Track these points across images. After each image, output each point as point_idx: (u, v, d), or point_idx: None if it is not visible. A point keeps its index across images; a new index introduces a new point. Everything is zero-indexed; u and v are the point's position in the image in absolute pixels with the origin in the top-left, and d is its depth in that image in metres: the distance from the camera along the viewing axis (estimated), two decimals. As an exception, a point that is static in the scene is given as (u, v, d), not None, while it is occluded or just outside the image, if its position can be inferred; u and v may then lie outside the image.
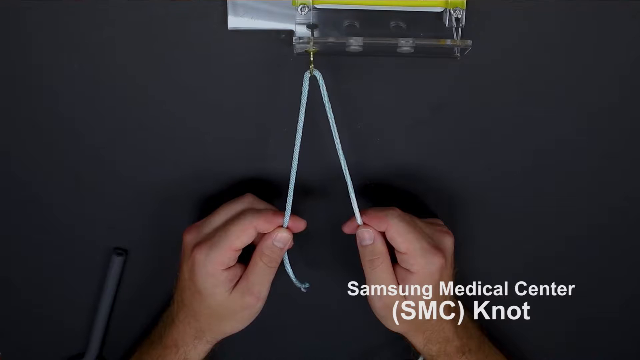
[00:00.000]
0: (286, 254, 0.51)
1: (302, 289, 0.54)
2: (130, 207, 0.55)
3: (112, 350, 0.59)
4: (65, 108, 0.52)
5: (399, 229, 0.48)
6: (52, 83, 0.51)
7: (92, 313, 0.57)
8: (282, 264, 0.51)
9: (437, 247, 0.49)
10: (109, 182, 0.54)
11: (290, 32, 0.50)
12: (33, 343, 0.59)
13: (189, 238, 0.50)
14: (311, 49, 0.48)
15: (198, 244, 0.49)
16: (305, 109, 0.49)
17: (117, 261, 0.56)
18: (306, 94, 0.48)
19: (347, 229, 0.51)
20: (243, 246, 0.48)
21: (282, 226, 0.49)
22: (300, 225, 0.50)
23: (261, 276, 0.49)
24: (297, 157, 0.49)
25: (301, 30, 0.49)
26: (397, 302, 0.50)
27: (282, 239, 0.49)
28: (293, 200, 0.49)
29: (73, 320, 0.58)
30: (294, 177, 0.49)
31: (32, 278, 0.57)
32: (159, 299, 0.58)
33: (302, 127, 0.48)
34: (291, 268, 0.52)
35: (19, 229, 0.55)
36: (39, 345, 0.59)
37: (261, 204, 0.51)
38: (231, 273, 0.49)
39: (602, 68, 0.54)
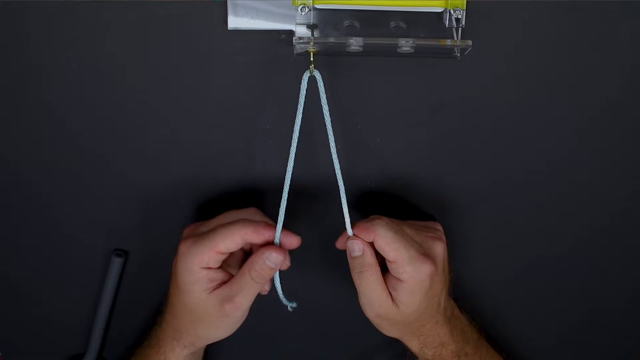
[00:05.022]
0: (278, 278, 0.50)
1: (289, 308, 0.53)
2: (130, 209, 0.55)
3: (111, 351, 0.59)
4: (64, 109, 0.52)
5: (386, 239, 0.48)
6: (51, 83, 0.51)
7: (92, 313, 0.57)
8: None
9: (426, 255, 0.49)
10: (109, 183, 0.54)
11: (290, 32, 0.50)
12: (33, 343, 0.59)
13: (185, 232, 0.51)
14: (311, 49, 0.48)
15: (186, 238, 0.49)
16: (305, 111, 0.49)
17: (116, 262, 0.56)
18: (304, 93, 0.48)
19: (339, 244, 0.51)
20: (227, 251, 0.48)
21: (274, 242, 0.48)
22: (292, 242, 0.49)
23: (245, 288, 0.48)
24: (292, 163, 0.48)
25: (301, 31, 0.49)
26: (389, 310, 0.50)
27: (274, 259, 0.48)
28: (288, 205, 0.48)
29: (73, 321, 0.58)
30: (287, 187, 0.48)
31: (32, 279, 0.57)
32: (158, 300, 0.58)
33: (299, 129, 0.48)
34: (280, 285, 0.51)
35: (19, 229, 0.55)
36: (39, 345, 0.59)
37: (259, 217, 0.51)
38: (211, 274, 0.48)
39: (603, 68, 0.54)
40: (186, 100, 0.52)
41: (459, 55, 0.50)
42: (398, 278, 0.49)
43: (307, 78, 0.48)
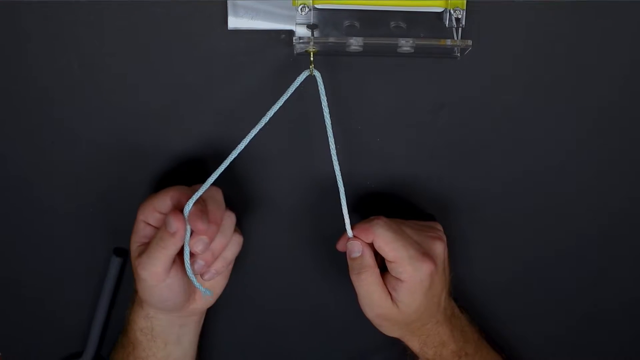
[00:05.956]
0: (187, 255, 0.47)
1: (202, 295, 0.51)
2: (130, 209, 0.55)
3: (110, 351, 0.59)
4: (64, 108, 0.52)
5: (385, 238, 0.48)
6: (51, 83, 0.51)
7: (91, 313, 0.57)
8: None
9: (426, 254, 0.49)
10: (109, 183, 0.54)
11: (290, 32, 0.50)
12: (33, 342, 0.59)
13: None
14: (311, 49, 0.48)
15: None
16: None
17: (116, 262, 0.56)
18: (294, 88, 0.47)
19: (340, 246, 0.51)
20: (159, 209, 0.47)
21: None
22: (195, 224, 0.45)
23: (151, 248, 0.46)
24: (246, 142, 0.47)
25: (301, 31, 0.49)
26: (389, 310, 0.49)
27: (170, 223, 0.45)
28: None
29: (73, 320, 0.58)
30: (224, 166, 0.47)
31: (32, 278, 0.57)
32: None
33: (272, 113, 0.47)
34: (190, 266, 0.47)
35: (19, 229, 0.55)
36: (38, 345, 0.59)
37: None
38: (147, 230, 0.48)
39: (603, 69, 0.54)
40: (186, 100, 0.52)
41: (459, 55, 0.50)
42: (398, 278, 0.49)
43: (304, 76, 0.47)
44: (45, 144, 0.53)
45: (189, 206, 0.46)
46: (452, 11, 0.49)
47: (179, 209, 0.46)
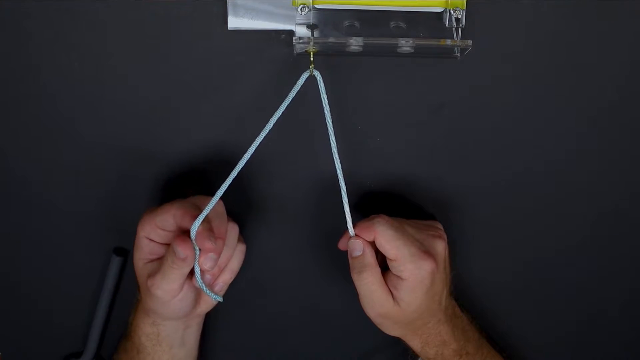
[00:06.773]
0: (198, 270, 0.47)
1: (212, 300, 0.51)
2: (131, 207, 0.55)
3: (109, 350, 0.59)
4: (64, 108, 0.52)
5: (386, 236, 0.48)
6: (51, 83, 0.51)
7: (91, 313, 0.57)
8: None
9: (427, 252, 0.49)
10: (109, 182, 0.54)
11: (290, 32, 0.50)
12: (33, 342, 0.59)
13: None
14: (311, 49, 0.48)
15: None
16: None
17: (116, 261, 0.56)
18: (296, 90, 0.47)
19: (341, 245, 0.51)
20: (162, 226, 0.47)
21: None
22: (204, 244, 0.46)
23: (164, 268, 0.47)
24: (252, 150, 0.47)
25: (301, 31, 0.49)
26: (390, 309, 0.50)
27: (178, 250, 0.46)
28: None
29: (72, 320, 0.58)
30: (228, 184, 0.47)
31: (32, 278, 0.57)
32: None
33: (277, 118, 0.47)
34: (200, 278, 0.48)
35: (18, 228, 0.55)
36: (38, 344, 0.59)
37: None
38: (152, 246, 0.48)
39: (602, 68, 0.54)
40: (186, 100, 0.52)
41: (459, 55, 0.50)
42: (399, 276, 0.49)
43: (304, 78, 0.47)
44: (45, 144, 0.53)
45: (195, 227, 0.46)
46: (452, 11, 0.49)
47: (182, 226, 0.47)
